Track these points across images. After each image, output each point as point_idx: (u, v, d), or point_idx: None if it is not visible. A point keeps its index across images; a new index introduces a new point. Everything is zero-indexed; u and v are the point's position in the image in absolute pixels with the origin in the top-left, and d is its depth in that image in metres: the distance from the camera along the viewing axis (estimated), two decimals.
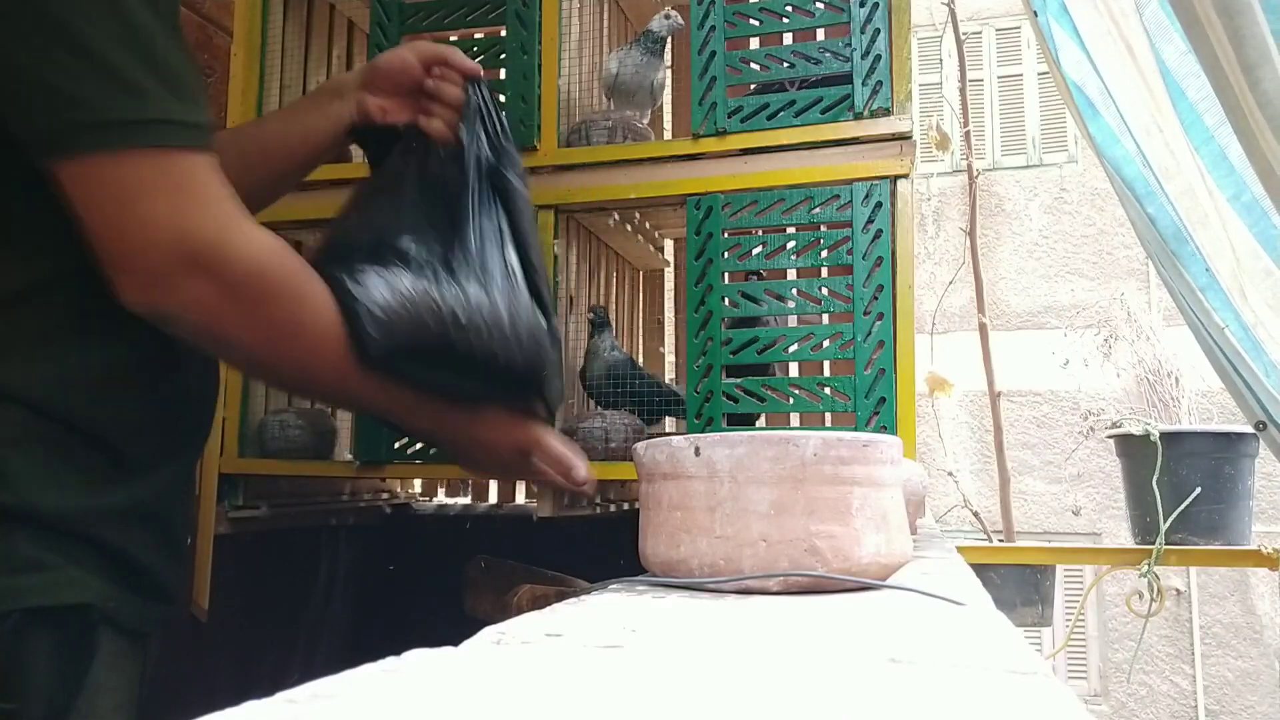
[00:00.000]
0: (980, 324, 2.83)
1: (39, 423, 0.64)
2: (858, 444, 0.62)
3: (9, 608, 0.61)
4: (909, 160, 1.19)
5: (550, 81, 1.36)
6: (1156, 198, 1.75)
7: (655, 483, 0.66)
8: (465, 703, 0.30)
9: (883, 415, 1.15)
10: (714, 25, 1.29)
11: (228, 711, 0.28)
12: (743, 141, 1.26)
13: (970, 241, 2.90)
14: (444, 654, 0.38)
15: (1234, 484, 2.15)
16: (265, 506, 1.52)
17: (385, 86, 0.93)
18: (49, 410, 0.65)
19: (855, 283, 1.19)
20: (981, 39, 6.53)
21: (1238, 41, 1.26)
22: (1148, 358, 2.62)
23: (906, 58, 1.22)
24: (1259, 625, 5.59)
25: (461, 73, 0.91)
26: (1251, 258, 1.70)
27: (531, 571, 1.41)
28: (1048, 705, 0.32)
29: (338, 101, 0.94)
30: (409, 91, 0.92)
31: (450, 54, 0.92)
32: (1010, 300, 6.21)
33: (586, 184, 1.33)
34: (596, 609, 0.52)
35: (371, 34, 1.45)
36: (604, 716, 0.29)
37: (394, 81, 0.92)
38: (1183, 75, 1.68)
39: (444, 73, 0.91)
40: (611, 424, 1.31)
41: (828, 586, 0.60)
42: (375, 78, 0.93)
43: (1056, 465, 5.81)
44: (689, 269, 1.26)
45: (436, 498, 2.10)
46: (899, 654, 0.40)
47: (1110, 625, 5.80)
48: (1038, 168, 6.43)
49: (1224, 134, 1.64)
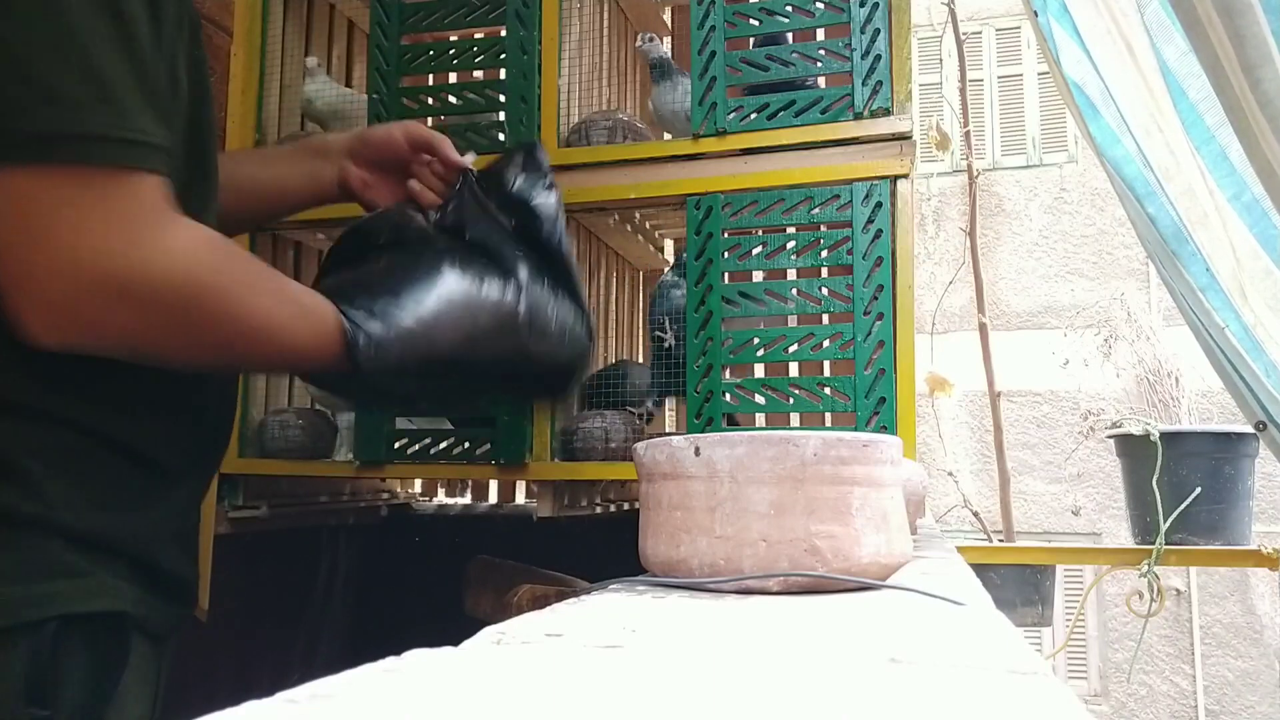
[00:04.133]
0: (980, 324, 2.83)
1: (80, 441, 0.63)
2: (858, 444, 0.62)
3: (47, 614, 0.59)
4: (909, 160, 1.19)
5: (550, 81, 1.36)
6: (1157, 197, 1.75)
7: (655, 483, 0.66)
8: (465, 703, 0.30)
9: (883, 415, 1.15)
10: (714, 25, 1.29)
11: (228, 711, 0.28)
12: (743, 141, 1.26)
13: (970, 241, 2.90)
14: (444, 654, 0.38)
15: (1234, 484, 2.15)
16: (265, 506, 1.52)
17: (371, 158, 0.91)
18: (90, 429, 0.63)
19: (855, 283, 1.19)
20: (981, 39, 6.53)
21: (1239, 41, 1.26)
22: (1148, 358, 2.62)
23: (906, 58, 1.22)
24: (1259, 625, 5.59)
25: (447, 166, 0.89)
26: (1252, 257, 1.70)
27: (531, 571, 1.41)
28: (1048, 705, 0.32)
29: (320, 161, 0.91)
30: (393, 169, 0.91)
31: (440, 144, 0.89)
32: (1010, 300, 6.21)
33: (586, 184, 1.33)
34: (596, 609, 0.52)
35: (371, 34, 1.45)
36: (604, 716, 0.29)
37: (380, 156, 0.90)
38: (1183, 75, 1.68)
39: (431, 162, 0.90)
40: (611, 424, 1.31)
41: (828, 586, 0.60)
42: (362, 148, 0.91)
43: (1056, 465, 5.81)
44: (689, 269, 1.26)
45: (436, 498, 2.10)
46: (899, 654, 0.40)
47: (1110, 625, 5.80)
48: (1038, 168, 6.43)
49: (1224, 134, 1.64)
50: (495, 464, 1.33)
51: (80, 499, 0.62)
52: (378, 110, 1.43)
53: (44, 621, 0.59)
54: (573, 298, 0.85)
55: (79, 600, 0.61)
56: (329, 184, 0.91)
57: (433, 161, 0.90)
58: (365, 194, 0.91)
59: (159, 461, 0.68)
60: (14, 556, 0.59)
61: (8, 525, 0.59)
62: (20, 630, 0.58)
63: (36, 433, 0.62)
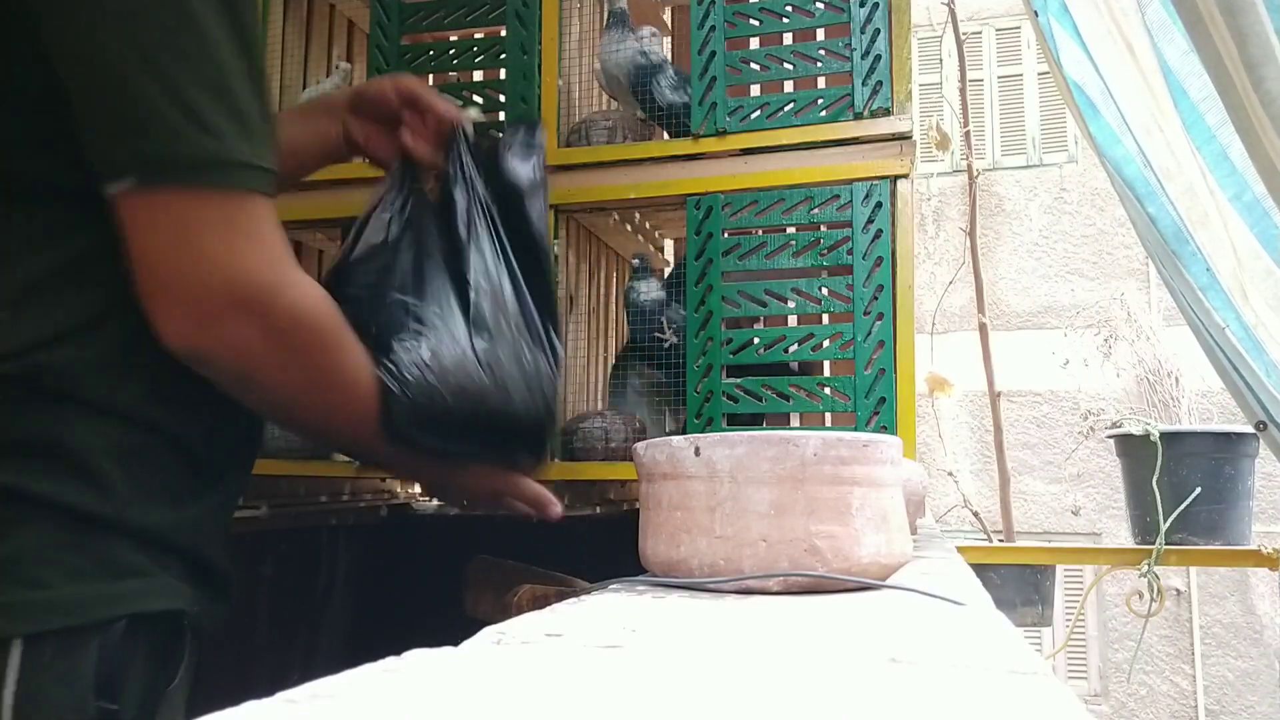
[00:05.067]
0: (980, 324, 2.83)
1: (134, 436, 0.65)
2: (858, 444, 0.62)
3: (118, 613, 0.62)
4: (909, 160, 1.19)
5: (550, 81, 1.36)
6: (1157, 197, 1.75)
7: (655, 483, 0.66)
8: (465, 703, 0.30)
9: (883, 415, 1.15)
10: (714, 25, 1.29)
11: (228, 711, 0.28)
12: (743, 141, 1.26)
13: (970, 241, 2.91)
14: (444, 654, 0.38)
15: (1234, 484, 2.15)
16: (265, 506, 1.52)
17: (368, 113, 0.94)
18: (143, 423, 0.66)
19: (855, 283, 1.19)
20: (981, 39, 6.53)
21: (1241, 40, 1.26)
22: (1148, 358, 2.62)
23: (906, 58, 1.22)
24: (1259, 625, 5.59)
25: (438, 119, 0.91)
26: (1252, 257, 1.70)
27: (531, 571, 1.41)
28: (1048, 705, 0.32)
29: (326, 119, 0.95)
30: (388, 121, 0.93)
31: (425, 96, 0.92)
32: (1010, 300, 6.21)
33: (586, 184, 1.33)
34: (596, 609, 0.52)
35: (371, 34, 1.45)
36: (604, 716, 0.29)
37: (375, 109, 0.93)
38: (1184, 74, 1.68)
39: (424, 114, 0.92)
40: (611, 424, 1.31)
41: (828, 586, 0.60)
42: (360, 103, 0.94)
43: (1056, 465, 5.81)
44: (689, 269, 1.26)
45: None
46: (899, 654, 0.40)
47: (1110, 625, 5.80)
48: (1038, 168, 6.43)
49: (1225, 133, 1.64)
50: None
51: (145, 499, 0.65)
52: None
53: (115, 620, 0.62)
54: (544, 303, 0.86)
55: (146, 600, 0.64)
56: (336, 140, 0.95)
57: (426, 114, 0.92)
58: (367, 147, 0.94)
59: (208, 460, 0.71)
60: (90, 557, 0.62)
61: (85, 526, 0.62)
62: (94, 628, 0.61)
63: (110, 432, 0.64)
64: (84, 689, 0.60)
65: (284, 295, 0.64)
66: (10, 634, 0.58)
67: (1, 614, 0.58)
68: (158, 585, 0.65)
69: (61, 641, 0.60)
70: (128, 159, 0.60)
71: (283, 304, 0.64)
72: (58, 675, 0.59)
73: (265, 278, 0.63)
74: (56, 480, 0.61)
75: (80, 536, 0.62)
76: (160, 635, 0.66)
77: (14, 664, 0.58)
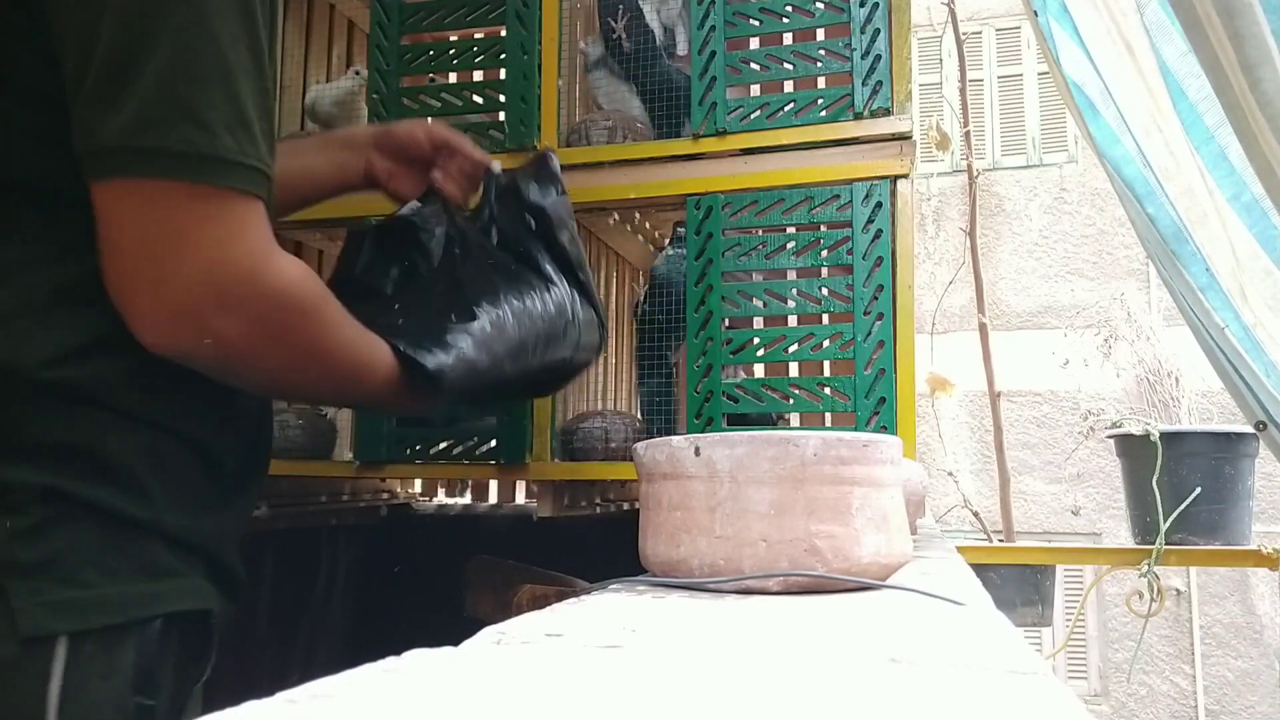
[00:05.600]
0: (980, 324, 2.83)
1: (165, 444, 0.66)
2: (858, 444, 0.62)
3: (155, 612, 0.64)
4: (909, 160, 1.19)
5: (550, 81, 1.36)
6: (1156, 197, 1.75)
7: (655, 483, 0.66)
8: (465, 703, 0.30)
9: (883, 415, 1.15)
10: (714, 25, 1.29)
11: (228, 711, 0.28)
12: (743, 141, 1.26)
13: (970, 241, 2.90)
14: (444, 654, 0.38)
15: (1234, 484, 2.15)
16: (265, 506, 1.52)
17: (395, 152, 0.97)
18: (172, 432, 0.67)
19: (855, 283, 1.19)
20: (981, 39, 6.53)
21: (1238, 41, 1.26)
22: (1148, 358, 2.62)
23: (906, 58, 1.22)
24: (1259, 625, 5.59)
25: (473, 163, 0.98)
26: (1251, 258, 1.71)
27: (531, 571, 1.41)
28: (1048, 705, 0.32)
29: (347, 152, 0.97)
30: (416, 163, 0.97)
31: (462, 144, 0.97)
32: (1010, 300, 6.21)
33: (586, 184, 1.33)
34: (596, 609, 0.52)
35: (371, 34, 1.45)
36: (604, 716, 0.29)
37: (404, 150, 0.97)
38: (1183, 75, 1.68)
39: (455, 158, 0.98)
40: (611, 424, 1.31)
41: (828, 586, 0.60)
42: (387, 141, 0.97)
43: (1056, 465, 5.81)
44: (689, 269, 1.26)
45: (436, 498, 2.10)
46: (899, 654, 0.40)
47: (1110, 625, 5.80)
48: (1038, 168, 6.42)
49: (1224, 134, 1.64)
50: (495, 464, 1.33)
51: (176, 504, 0.67)
52: (377, 110, 1.43)
53: (152, 619, 0.64)
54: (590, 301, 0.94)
55: (181, 599, 0.66)
56: (355, 174, 0.98)
57: (456, 158, 0.98)
58: (390, 184, 0.98)
59: (228, 466, 0.72)
60: (128, 558, 0.63)
61: (123, 529, 0.63)
62: (133, 626, 0.63)
63: (142, 439, 0.65)
64: (123, 685, 0.62)
65: (261, 282, 0.64)
66: (56, 631, 0.59)
67: (47, 611, 0.59)
68: (190, 586, 0.67)
69: (102, 639, 0.61)
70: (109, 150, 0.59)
71: (262, 292, 0.64)
72: (99, 672, 0.61)
73: (243, 269, 0.62)
74: (95, 484, 0.62)
75: (118, 538, 0.63)
76: (191, 633, 0.68)
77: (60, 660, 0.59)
